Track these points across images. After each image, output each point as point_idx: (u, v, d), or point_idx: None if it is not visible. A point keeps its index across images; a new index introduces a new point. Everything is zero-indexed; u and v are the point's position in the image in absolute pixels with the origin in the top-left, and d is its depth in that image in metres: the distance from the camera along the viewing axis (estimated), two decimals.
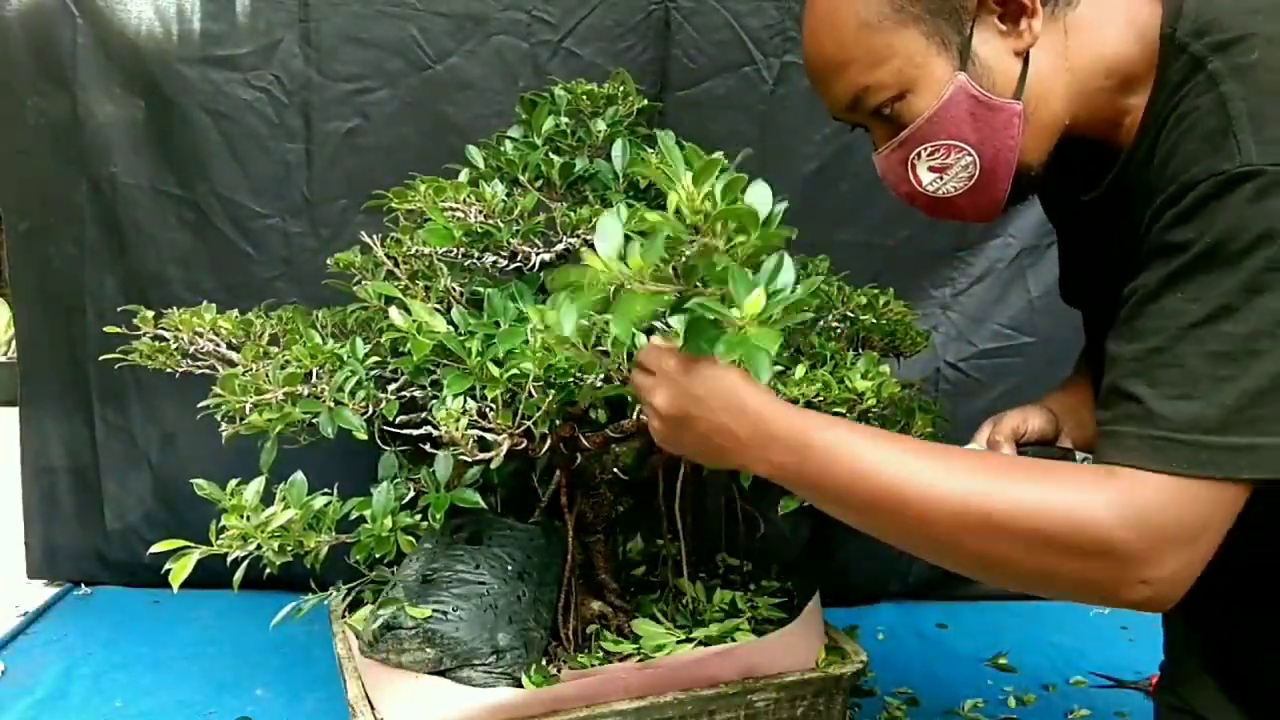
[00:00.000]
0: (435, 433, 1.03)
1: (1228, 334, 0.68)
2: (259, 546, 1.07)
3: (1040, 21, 0.79)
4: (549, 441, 1.09)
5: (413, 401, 1.17)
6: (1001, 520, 0.72)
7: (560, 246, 1.19)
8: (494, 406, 1.04)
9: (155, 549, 1.04)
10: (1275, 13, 0.75)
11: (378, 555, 1.17)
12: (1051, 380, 1.87)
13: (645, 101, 1.38)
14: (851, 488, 0.77)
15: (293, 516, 1.08)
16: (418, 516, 1.19)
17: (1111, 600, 0.73)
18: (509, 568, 1.23)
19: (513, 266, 1.21)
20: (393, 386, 1.15)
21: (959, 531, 0.74)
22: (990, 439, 1.02)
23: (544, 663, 1.22)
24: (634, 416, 1.12)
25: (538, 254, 1.19)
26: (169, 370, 1.28)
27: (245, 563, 1.09)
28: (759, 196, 0.67)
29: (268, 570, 1.11)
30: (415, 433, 1.10)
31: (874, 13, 0.80)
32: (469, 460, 1.08)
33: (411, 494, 1.21)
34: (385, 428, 1.14)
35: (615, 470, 1.29)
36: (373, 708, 1.15)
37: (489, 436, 1.03)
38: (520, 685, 1.16)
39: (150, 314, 1.29)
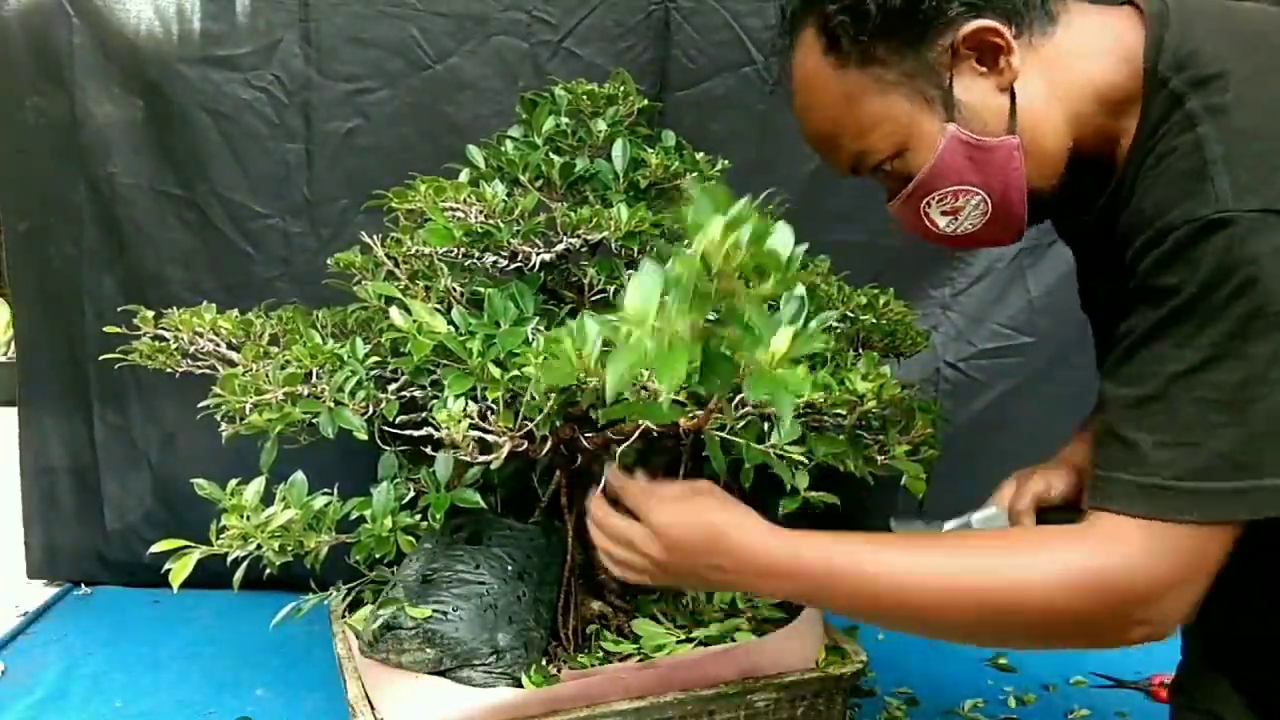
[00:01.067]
0: (436, 434, 1.03)
1: (1219, 382, 0.69)
2: (259, 546, 1.07)
3: (1018, 56, 0.79)
4: (549, 443, 1.09)
5: (413, 401, 1.17)
6: (994, 606, 0.77)
7: (560, 246, 1.19)
8: (495, 408, 1.04)
9: (155, 549, 1.05)
10: (1252, 45, 0.76)
11: (378, 555, 1.17)
12: (1051, 380, 1.88)
13: (645, 101, 1.38)
14: (852, 604, 0.84)
15: (293, 516, 1.08)
16: (418, 516, 1.19)
17: (1117, 645, 0.76)
18: (509, 568, 1.23)
19: (513, 266, 1.21)
20: (393, 386, 1.15)
21: (964, 625, 0.80)
22: (1013, 510, 1.00)
23: (544, 663, 1.22)
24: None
25: (538, 254, 1.18)
26: (169, 370, 1.28)
27: (245, 563, 1.10)
28: (782, 240, 0.67)
29: (268, 570, 1.11)
30: (416, 434, 1.10)
31: (854, 86, 0.82)
32: (469, 461, 1.08)
33: (411, 494, 1.21)
34: (385, 428, 1.14)
35: None
36: (373, 708, 1.15)
37: (490, 438, 1.02)
38: (520, 685, 1.16)
39: (150, 314, 1.29)
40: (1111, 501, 0.73)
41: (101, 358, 1.33)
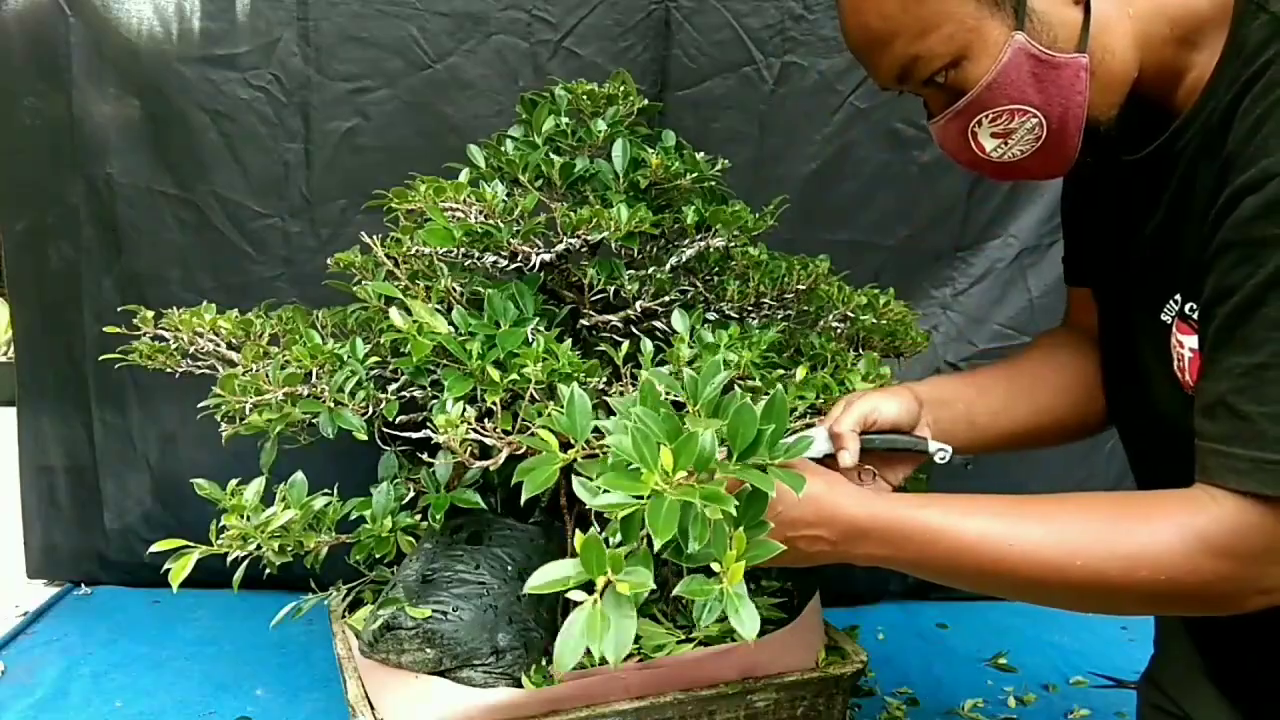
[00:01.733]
0: (434, 437, 1.03)
1: None
2: (259, 547, 1.07)
3: None
4: None
5: (413, 402, 1.17)
6: (1110, 578, 0.72)
7: (560, 246, 1.19)
8: (494, 410, 1.03)
9: (155, 549, 1.04)
10: None
11: (378, 555, 1.17)
12: None
13: (645, 101, 1.38)
14: (952, 566, 0.79)
15: (293, 517, 1.08)
16: (418, 516, 1.19)
17: (1234, 611, 0.73)
18: (509, 568, 1.23)
19: (513, 266, 1.21)
20: (393, 387, 1.15)
21: (1072, 593, 0.75)
22: (832, 430, 0.96)
23: (544, 663, 1.22)
24: None
25: (538, 254, 1.18)
26: (168, 371, 1.28)
27: (245, 563, 1.09)
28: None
29: (268, 570, 1.11)
30: (414, 436, 1.10)
31: None
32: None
33: (411, 494, 1.21)
34: (385, 428, 1.14)
35: None
36: (373, 708, 1.15)
37: (488, 442, 1.02)
38: (520, 685, 1.16)
39: (150, 314, 1.28)
40: (1225, 477, 0.70)
41: (101, 358, 1.33)
